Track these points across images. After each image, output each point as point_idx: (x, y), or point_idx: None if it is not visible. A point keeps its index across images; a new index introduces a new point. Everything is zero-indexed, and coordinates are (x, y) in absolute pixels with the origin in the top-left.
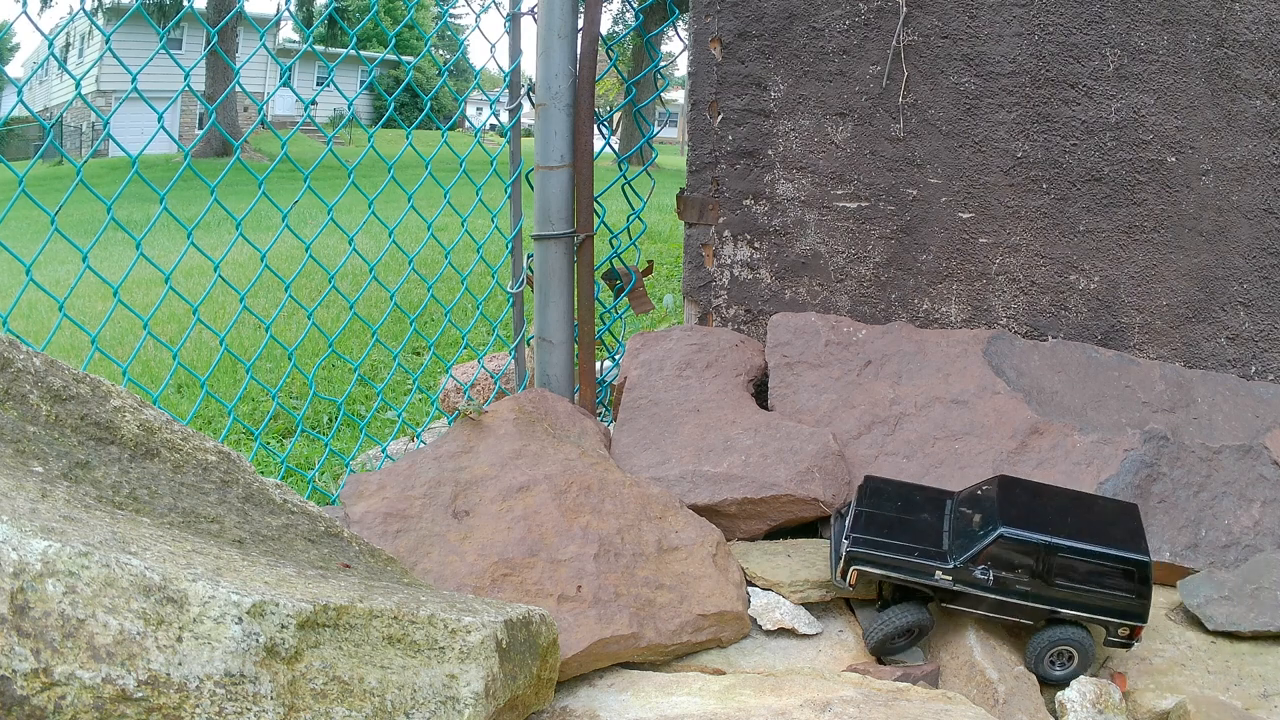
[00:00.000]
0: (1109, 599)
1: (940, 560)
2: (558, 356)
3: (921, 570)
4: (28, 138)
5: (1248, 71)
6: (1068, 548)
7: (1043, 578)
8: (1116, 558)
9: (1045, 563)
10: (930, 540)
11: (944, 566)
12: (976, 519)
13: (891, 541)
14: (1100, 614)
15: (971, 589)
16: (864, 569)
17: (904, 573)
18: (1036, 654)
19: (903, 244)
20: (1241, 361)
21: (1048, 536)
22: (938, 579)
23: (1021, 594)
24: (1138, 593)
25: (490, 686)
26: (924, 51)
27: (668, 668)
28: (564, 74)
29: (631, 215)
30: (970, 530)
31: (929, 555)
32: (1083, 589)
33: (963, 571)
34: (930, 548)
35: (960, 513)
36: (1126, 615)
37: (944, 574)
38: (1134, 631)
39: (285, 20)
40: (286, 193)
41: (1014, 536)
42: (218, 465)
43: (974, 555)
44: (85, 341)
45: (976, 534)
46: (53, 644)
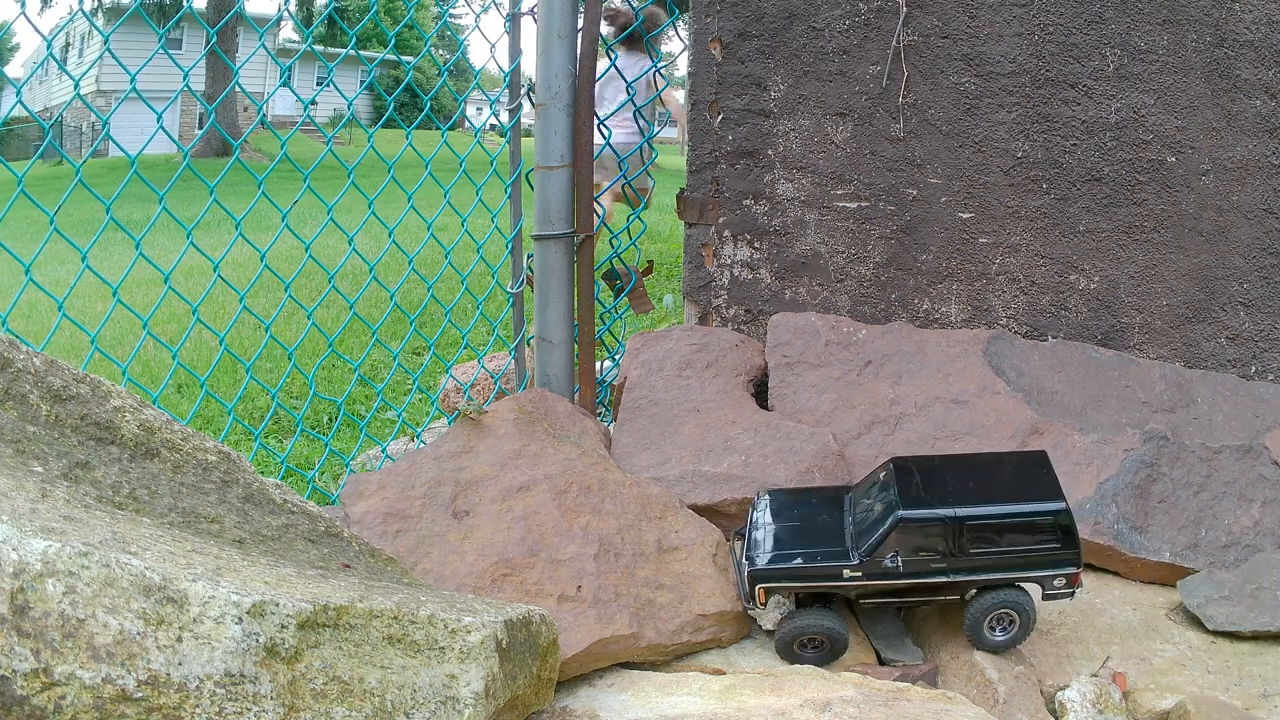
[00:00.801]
0: (1035, 555)
1: (845, 559)
2: (558, 356)
3: (829, 574)
4: (28, 138)
5: (1248, 71)
6: (974, 515)
7: (957, 551)
8: (1030, 513)
9: (955, 536)
10: (833, 540)
11: (850, 564)
12: (877, 509)
13: (793, 551)
14: (1030, 571)
15: (884, 580)
16: (771, 586)
17: (812, 580)
18: (973, 622)
19: (903, 244)
20: (1241, 361)
21: (950, 509)
22: (847, 578)
23: (939, 572)
24: (1063, 541)
25: (490, 686)
26: (924, 51)
27: (668, 668)
28: (564, 74)
29: (632, 215)
30: (872, 521)
31: (833, 556)
32: (1004, 552)
33: (870, 564)
34: (834, 548)
35: (860, 505)
36: (1058, 566)
37: (852, 571)
38: (1071, 579)
39: (285, 20)
40: (286, 193)
41: (914, 517)
42: (218, 465)
43: (877, 545)
44: (85, 341)
45: (878, 524)
46: (53, 644)
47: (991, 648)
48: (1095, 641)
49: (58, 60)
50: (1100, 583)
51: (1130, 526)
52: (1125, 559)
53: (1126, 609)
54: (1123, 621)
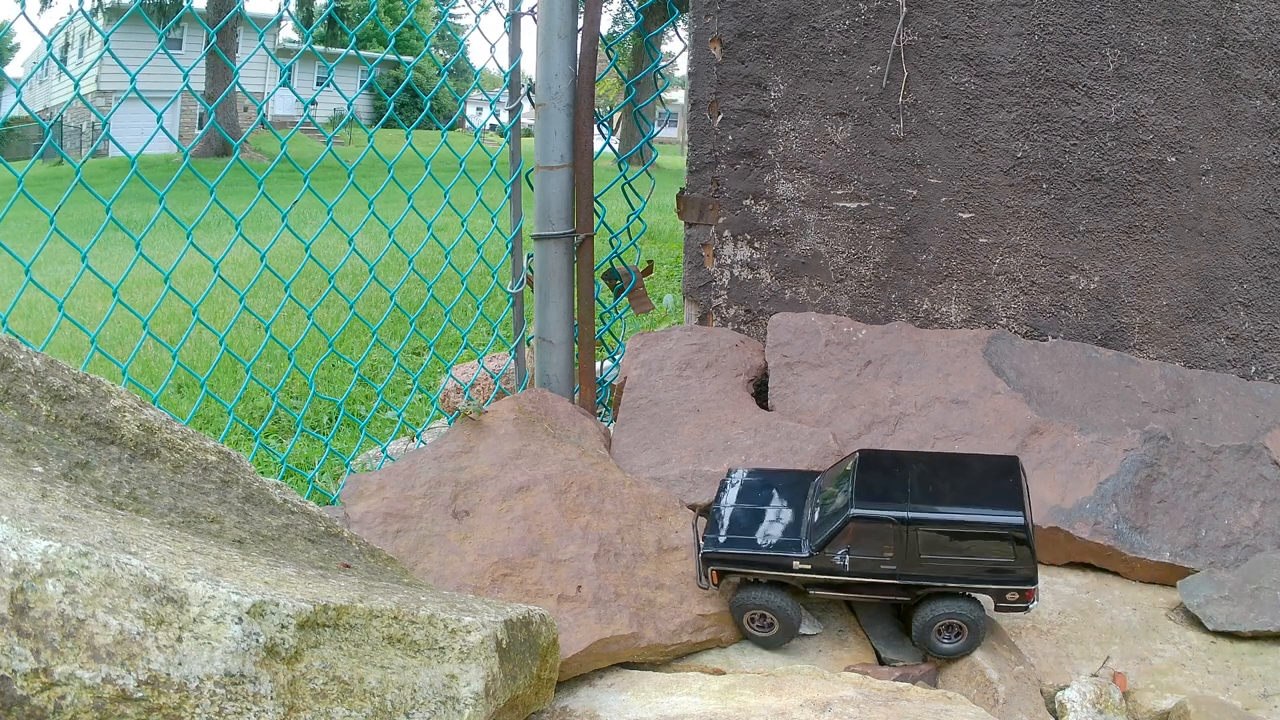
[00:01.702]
0: (988, 566)
1: (796, 550)
2: (558, 356)
3: (779, 564)
4: (28, 138)
5: (1248, 71)
6: (927, 520)
7: (908, 554)
8: (986, 523)
9: (907, 538)
10: (789, 529)
11: (800, 556)
12: (837, 500)
13: (748, 537)
14: (981, 582)
15: (832, 575)
16: (723, 569)
17: (762, 568)
18: (920, 629)
19: (903, 244)
20: (1241, 361)
21: (905, 511)
22: (796, 569)
23: (888, 573)
24: (1018, 555)
25: (490, 686)
26: (924, 51)
27: (668, 668)
28: (564, 74)
29: (631, 215)
30: (828, 514)
31: (786, 546)
32: (956, 560)
33: (821, 558)
34: (788, 538)
35: (822, 494)
36: (1011, 580)
37: (801, 564)
38: (1025, 595)
39: (285, 20)
40: (286, 193)
41: (868, 515)
42: (218, 465)
43: (829, 540)
44: (85, 341)
45: (832, 519)
46: (53, 644)
47: (940, 654)
48: (1095, 641)
49: (58, 60)
50: (1100, 583)
51: (1130, 526)
52: (1125, 559)
53: (1126, 609)
54: (1123, 621)
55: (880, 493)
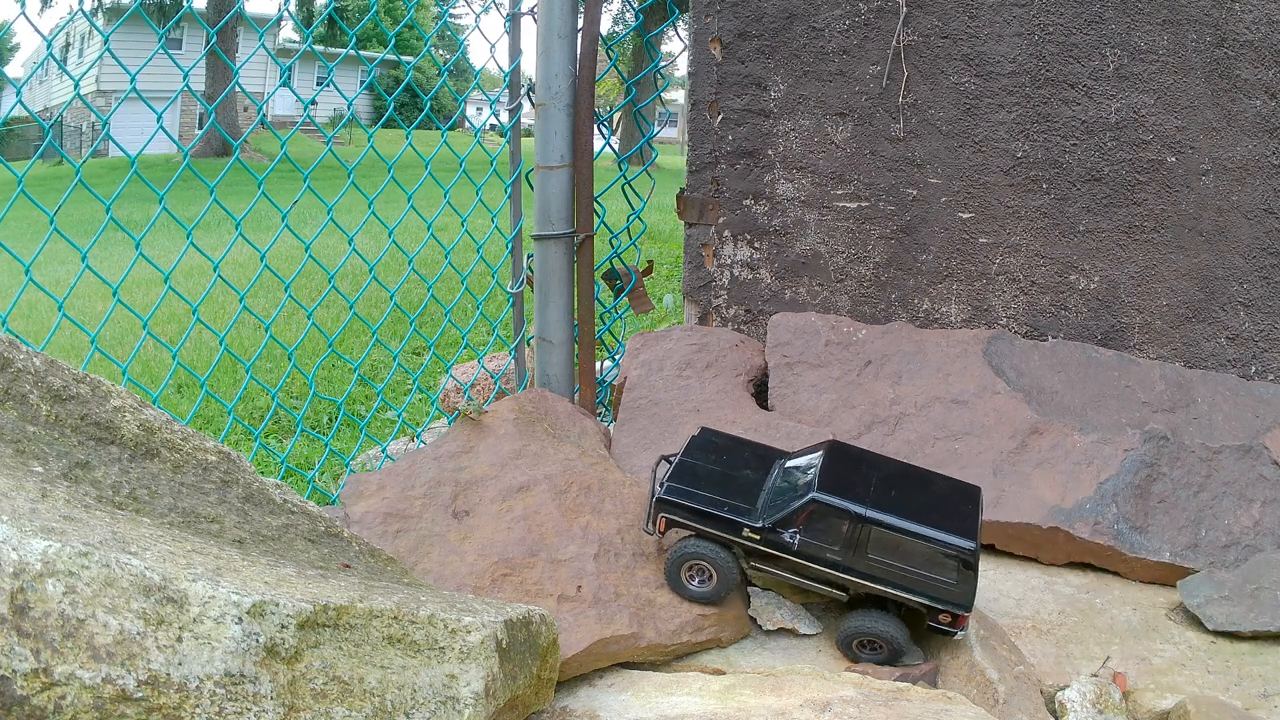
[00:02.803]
0: (929, 582)
1: (750, 518)
2: (558, 356)
3: (729, 526)
4: (28, 138)
5: (1248, 71)
6: (883, 522)
7: (856, 549)
8: (937, 541)
9: (859, 534)
10: (747, 497)
11: (753, 525)
12: (799, 482)
13: (706, 494)
14: (918, 596)
15: (778, 551)
16: (672, 518)
17: (712, 526)
18: (844, 637)
19: (903, 244)
20: (1241, 361)
21: (863, 508)
22: (745, 536)
23: (831, 563)
24: (961, 579)
25: (490, 686)
26: (924, 51)
27: (668, 668)
28: (564, 74)
29: (631, 215)
30: (790, 492)
31: (740, 512)
32: (900, 568)
33: (771, 533)
34: (744, 505)
35: (786, 474)
36: (947, 601)
37: (751, 532)
38: (957, 620)
39: (285, 20)
40: (286, 193)
41: (827, 503)
42: (218, 465)
43: (785, 517)
44: (85, 341)
45: (793, 497)
46: (53, 644)
47: (858, 661)
48: (1095, 641)
49: (58, 60)
50: (1100, 583)
51: (1130, 526)
52: (1125, 559)
53: (1126, 609)
54: (1123, 621)
55: (843, 485)
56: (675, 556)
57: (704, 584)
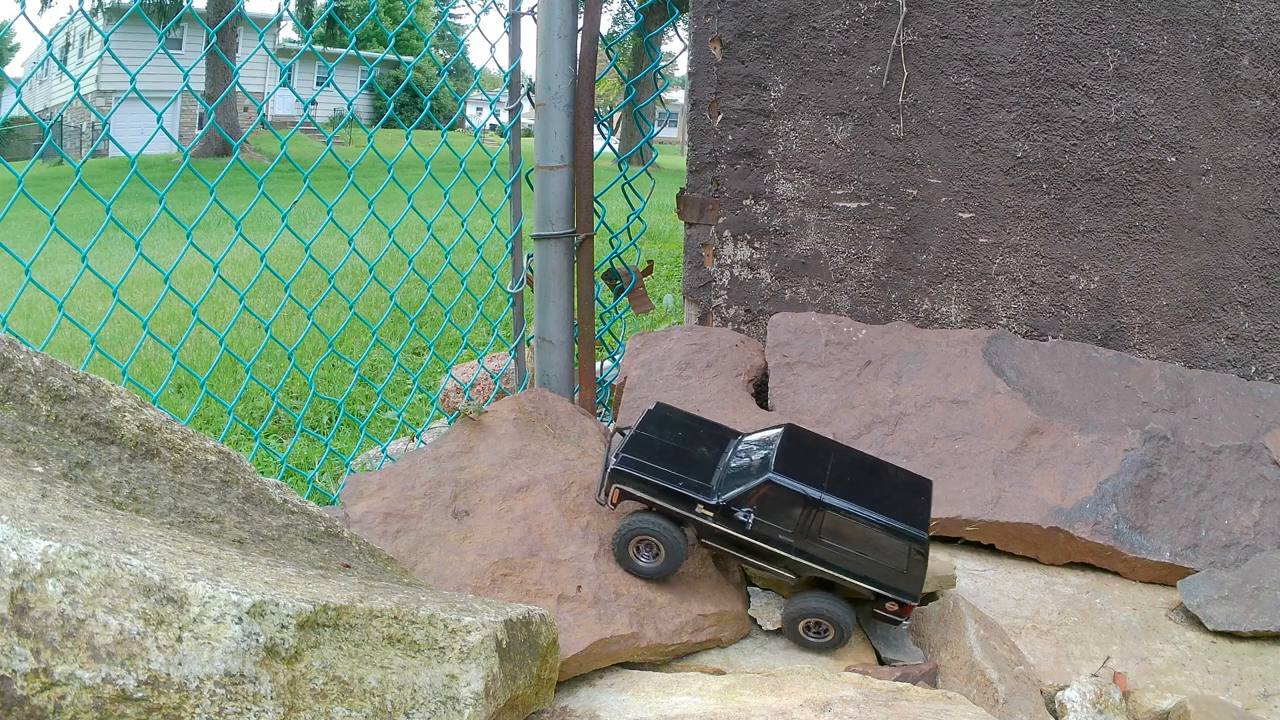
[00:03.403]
0: (878, 570)
1: (705, 494)
2: (558, 356)
3: (684, 501)
4: (28, 138)
5: (1248, 71)
6: (838, 508)
7: (809, 533)
8: (891, 529)
9: (813, 518)
10: (701, 474)
11: (707, 501)
12: (755, 462)
13: (661, 468)
14: (866, 583)
15: (730, 530)
16: (626, 489)
17: (666, 500)
18: (790, 618)
19: (903, 244)
20: (1241, 361)
21: (819, 492)
22: (698, 513)
23: (784, 545)
24: (911, 568)
25: (490, 686)
26: (924, 51)
27: (668, 668)
28: (564, 74)
29: (631, 215)
30: (745, 472)
31: (694, 488)
32: (851, 553)
33: (725, 511)
34: (699, 481)
35: (741, 453)
36: (895, 590)
37: (705, 509)
38: (904, 610)
39: (285, 20)
40: (286, 193)
41: (783, 485)
42: (218, 465)
43: (740, 496)
44: (85, 341)
45: (749, 477)
46: (53, 644)
47: (807, 648)
48: (1095, 641)
49: (58, 60)
50: (1100, 583)
51: (1130, 526)
52: (1125, 559)
53: (1126, 609)
54: (1123, 621)
55: (799, 468)
56: (625, 531)
57: (653, 560)
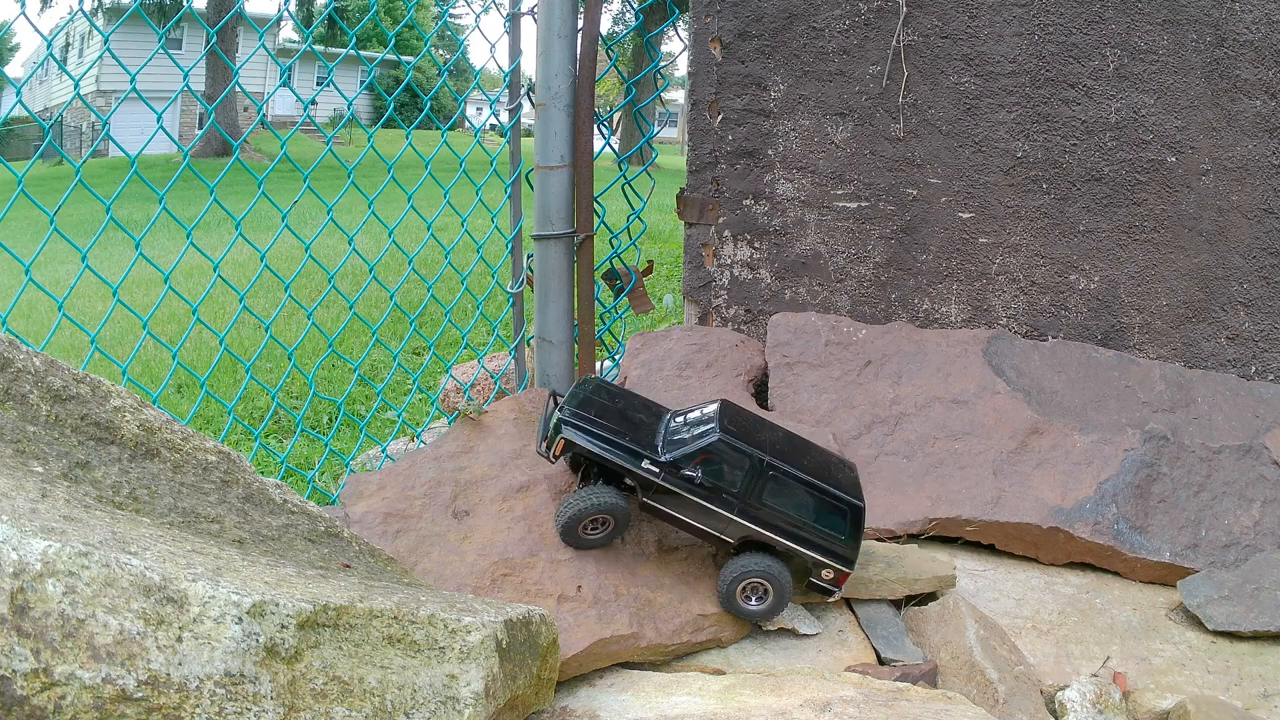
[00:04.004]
0: (817, 535)
1: (652, 452)
2: (558, 356)
3: (632, 457)
4: (28, 138)
5: (1248, 71)
6: (783, 470)
7: (752, 494)
8: (834, 495)
9: (757, 479)
10: (645, 436)
11: (655, 458)
12: (697, 428)
13: (605, 423)
14: (806, 547)
15: (678, 488)
16: (572, 440)
17: (612, 453)
18: (730, 581)
19: (903, 244)
20: (1241, 361)
21: (764, 454)
22: (645, 469)
23: (728, 505)
24: (848, 536)
25: (490, 686)
26: (924, 51)
27: (668, 667)
28: (564, 74)
29: (631, 215)
30: (688, 435)
31: (641, 444)
32: (791, 516)
33: (672, 468)
34: (644, 439)
35: (676, 424)
36: (833, 556)
37: (652, 465)
38: (839, 577)
39: (285, 20)
40: (286, 193)
41: (732, 445)
42: (218, 465)
43: (687, 455)
44: (85, 341)
45: (693, 439)
46: (53, 644)
47: (743, 615)
48: (1095, 641)
49: (58, 60)
50: (1100, 583)
51: (1130, 526)
52: (1125, 559)
53: (1126, 609)
54: (1123, 621)
55: (741, 434)
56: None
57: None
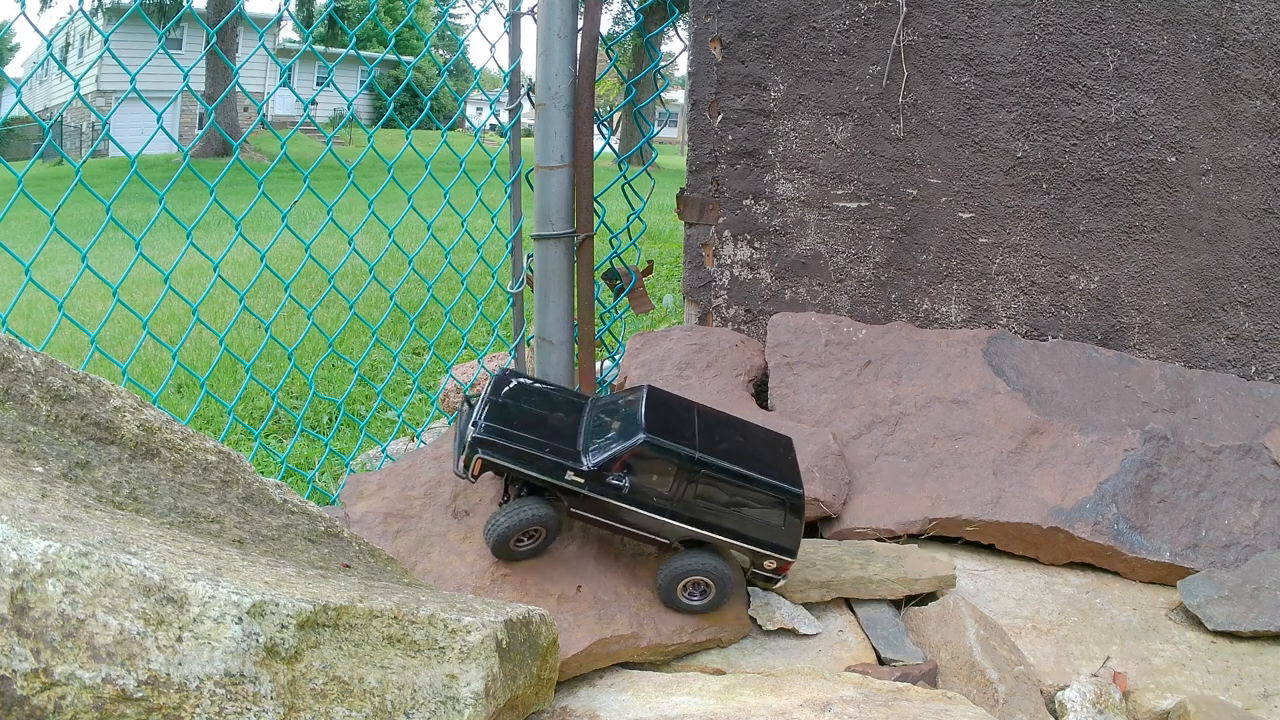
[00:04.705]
0: (756, 527)
1: (574, 460)
2: (558, 356)
3: (553, 469)
4: (28, 138)
5: (1248, 71)
6: (715, 465)
7: (684, 494)
8: (767, 484)
9: (688, 478)
10: (566, 440)
11: (577, 468)
12: (617, 425)
13: (523, 435)
14: (746, 541)
15: (604, 496)
16: (489, 458)
17: (533, 469)
18: (669, 580)
19: (903, 244)
20: (1241, 361)
21: (694, 450)
22: (569, 480)
23: (658, 509)
24: (788, 525)
25: (490, 686)
26: (924, 51)
27: (668, 667)
28: (564, 74)
29: (631, 215)
30: (610, 435)
31: (562, 454)
32: (728, 511)
33: (597, 476)
34: (565, 447)
35: (600, 418)
36: (774, 547)
37: (576, 475)
38: (782, 567)
39: (285, 20)
40: (286, 193)
41: (658, 444)
42: (218, 465)
43: (611, 460)
44: (85, 341)
45: (616, 439)
46: (53, 644)
47: (684, 611)
48: (1095, 641)
49: (58, 60)
50: (1100, 583)
51: (1130, 526)
52: (1125, 559)
53: (1126, 609)
54: (1123, 621)
55: (668, 429)
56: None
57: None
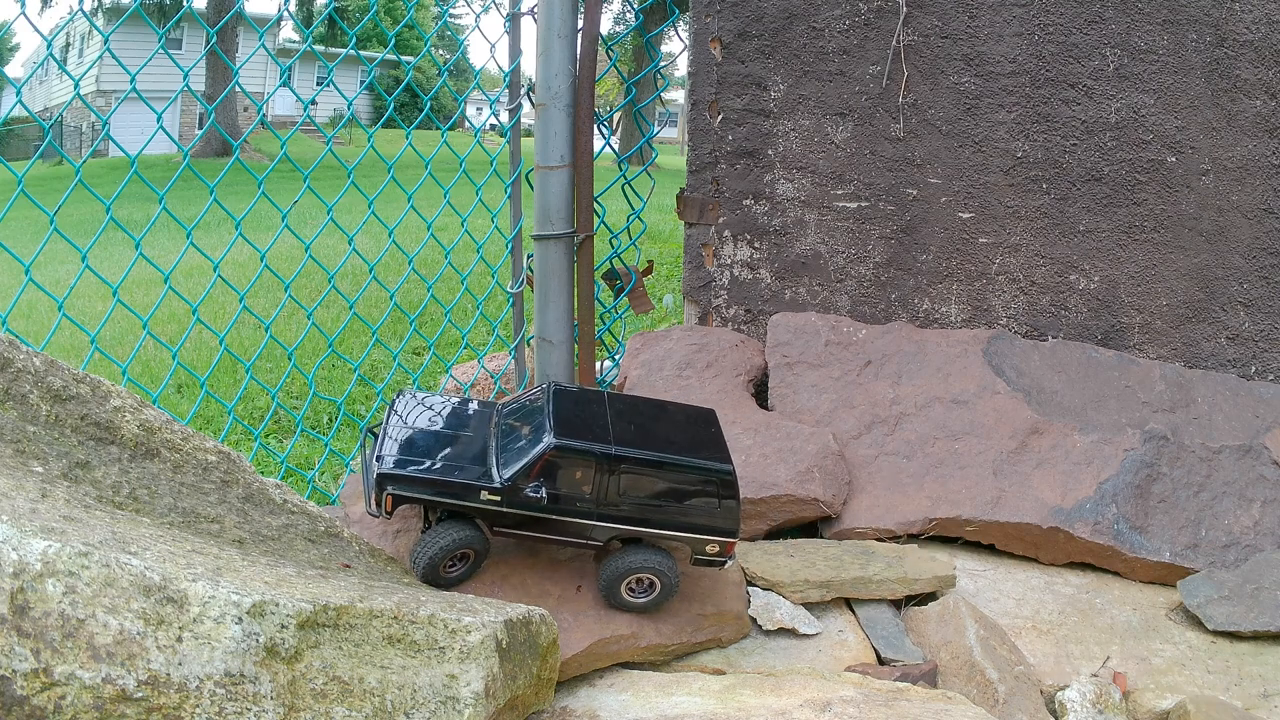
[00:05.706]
0: (690, 514)
1: (487, 479)
2: (558, 356)
3: (466, 491)
4: (28, 138)
5: (1248, 71)
6: (633, 458)
7: (607, 492)
8: (693, 467)
9: (609, 476)
10: (475, 457)
11: (491, 486)
12: (526, 430)
13: (430, 461)
14: (682, 531)
15: (524, 510)
16: (399, 493)
17: (447, 495)
18: (610, 581)
19: (903, 244)
20: (1241, 361)
21: (606, 446)
22: (485, 500)
23: (584, 513)
24: (723, 504)
25: (490, 686)
26: (924, 51)
27: (668, 668)
28: (564, 74)
29: (631, 215)
30: (519, 443)
31: (474, 474)
32: (657, 504)
33: (512, 490)
34: (475, 465)
35: (507, 425)
36: (713, 531)
37: (491, 494)
38: (725, 548)
39: (285, 20)
40: (286, 193)
41: (569, 447)
42: (218, 465)
43: (523, 471)
44: (85, 341)
45: (526, 447)
46: (53, 644)
47: (629, 610)
48: (1095, 641)
49: (58, 60)
50: (1100, 583)
51: (1130, 526)
52: (1125, 559)
53: (1126, 609)
54: (1123, 621)
55: (579, 427)
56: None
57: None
